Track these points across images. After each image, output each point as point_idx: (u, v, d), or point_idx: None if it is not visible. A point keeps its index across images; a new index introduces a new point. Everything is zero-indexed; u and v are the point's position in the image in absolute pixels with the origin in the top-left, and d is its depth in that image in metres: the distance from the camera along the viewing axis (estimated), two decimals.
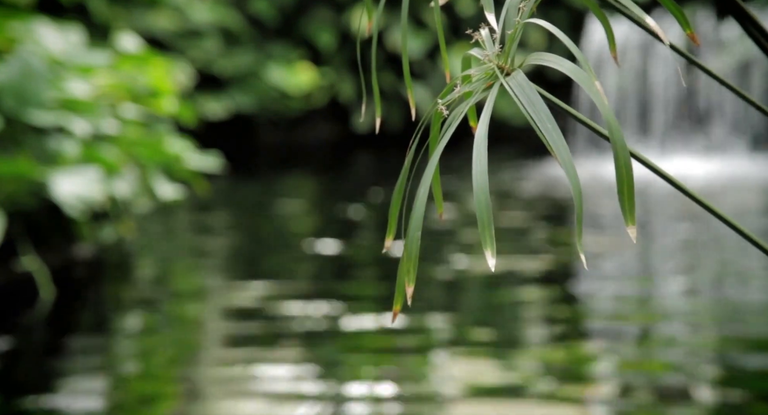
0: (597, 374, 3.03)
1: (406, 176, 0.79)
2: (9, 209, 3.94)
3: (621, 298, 3.98)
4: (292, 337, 3.36)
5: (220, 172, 5.88)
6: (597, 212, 6.03)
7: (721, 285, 4.28)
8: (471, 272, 4.40)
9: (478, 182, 0.71)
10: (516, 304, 3.83)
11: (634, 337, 3.45)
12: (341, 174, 8.90)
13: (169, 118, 5.24)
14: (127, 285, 4.38)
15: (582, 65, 0.72)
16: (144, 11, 8.88)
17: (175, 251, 5.30)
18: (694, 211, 5.95)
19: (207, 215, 6.33)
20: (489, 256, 0.70)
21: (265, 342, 3.30)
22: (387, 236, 0.80)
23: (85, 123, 4.23)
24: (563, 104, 0.78)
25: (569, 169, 0.69)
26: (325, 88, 10.00)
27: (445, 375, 3.02)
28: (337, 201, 7.04)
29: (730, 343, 3.33)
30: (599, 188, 7.06)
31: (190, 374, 3.10)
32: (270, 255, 5.02)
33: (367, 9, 0.94)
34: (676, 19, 0.80)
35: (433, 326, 3.51)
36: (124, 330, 3.63)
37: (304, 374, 2.98)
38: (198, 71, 8.98)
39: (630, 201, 0.71)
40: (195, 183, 5.15)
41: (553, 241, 5.21)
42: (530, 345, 3.33)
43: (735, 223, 0.80)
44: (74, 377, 3.01)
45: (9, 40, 4.29)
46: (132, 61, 4.99)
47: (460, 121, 0.77)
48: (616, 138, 0.70)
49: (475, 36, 0.79)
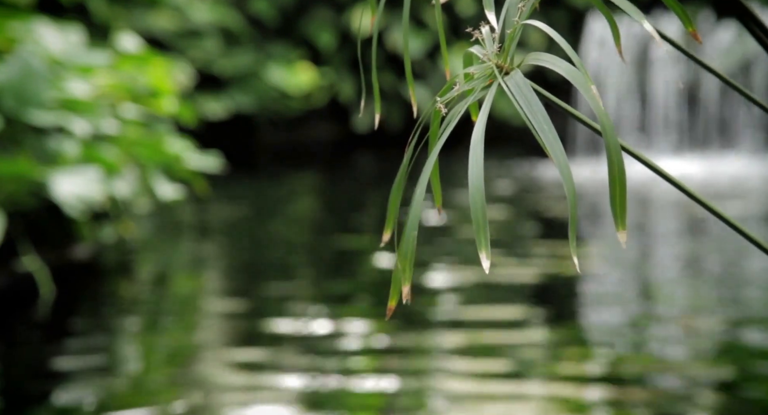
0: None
1: (405, 173, 0.79)
2: (9, 209, 3.94)
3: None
4: (293, 337, 3.36)
5: (220, 172, 5.88)
6: (596, 213, 6.03)
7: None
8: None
9: (474, 183, 0.71)
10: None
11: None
12: (341, 174, 8.90)
13: (169, 118, 5.24)
14: (127, 285, 4.38)
15: (578, 66, 0.72)
16: (144, 11, 8.88)
17: (175, 250, 5.30)
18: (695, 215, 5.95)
19: (207, 215, 6.33)
20: (483, 258, 0.70)
21: (266, 343, 3.30)
22: (385, 230, 0.80)
23: (85, 123, 4.23)
24: (561, 103, 0.78)
25: (564, 170, 0.69)
26: (325, 88, 10.00)
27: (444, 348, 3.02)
28: (337, 201, 7.03)
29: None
30: (598, 189, 7.06)
31: (190, 374, 3.10)
32: (270, 255, 5.02)
33: (371, 8, 0.94)
34: (678, 17, 0.80)
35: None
36: (123, 330, 3.63)
37: (304, 374, 2.98)
38: (198, 71, 8.98)
39: (622, 204, 0.70)
40: (195, 183, 5.15)
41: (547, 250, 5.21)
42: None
43: (735, 223, 0.80)
44: (74, 377, 3.01)
45: (9, 40, 4.29)
46: (132, 61, 4.99)
47: (460, 122, 0.77)
48: (610, 141, 0.70)
49: (476, 34, 0.79)
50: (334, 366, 3.07)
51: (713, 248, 5.13)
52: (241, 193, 7.44)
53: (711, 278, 4.43)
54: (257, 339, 3.34)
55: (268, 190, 7.62)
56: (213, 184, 5.95)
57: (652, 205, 6.59)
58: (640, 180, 6.91)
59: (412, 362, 3.11)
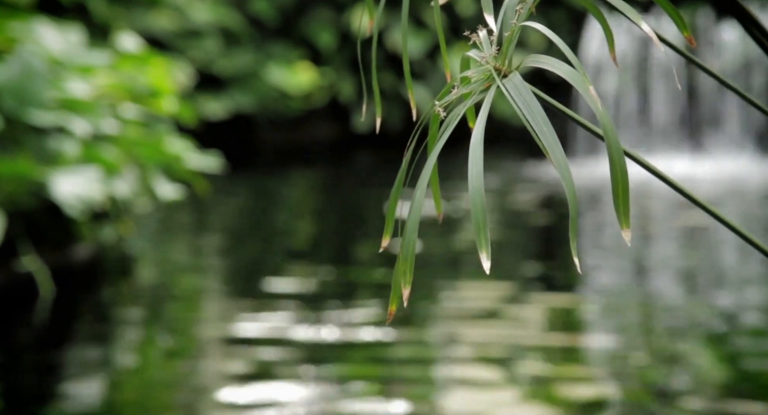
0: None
1: (404, 177, 0.79)
2: (9, 209, 3.95)
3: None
4: (293, 337, 3.36)
5: (220, 172, 5.88)
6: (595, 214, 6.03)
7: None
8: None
9: (474, 185, 0.71)
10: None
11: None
12: (341, 173, 8.90)
13: (169, 118, 5.24)
14: (127, 285, 4.38)
15: (576, 68, 0.72)
16: (144, 11, 8.88)
17: (175, 251, 5.30)
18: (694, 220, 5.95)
19: (207, 215, 6.33)
20: (484, 258, 0.70)
21: (267, 343, 3.30)
22: (384, 235, 0.80)
23: (85, 123, 4.23)
24: (560, 105, 0.78)
25: (564, 172, 0.69)
26: (325, 88, 10.00)
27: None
28: (337, 200, 7.04)
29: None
30: (596, 191, 7.06)
31: (190, 374, 3.10)
32: (270, 255, 5.02)
33: (368, 9, 0.94)
34: (673, 21, 0.80)
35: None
36: (123, 331, 3.63)
37: (305, 374, 2.98)
38: (198, 71, 8.98)
39: (625, 204, 0.71)
40: (195, 183, 5.15)
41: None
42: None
43: (734, 224, 0.80)
44: (74, 377, 3.01)
45: (9, 40, 4.29)
46: (132, 61, 4.99)
47: (459, 124, 0.78)
48: (611, 141, 0.70)
49: (473, 37, 0.79)
50: (337, 363, 3.08)
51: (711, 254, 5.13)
52: (241, 193, 7.44)
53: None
54: (257, 339, 3.34)
55: (268, 189, 7.62)
56: (213, 184, 5.95)
57: (651, 204, 6.59)
58: (639, 180, 6.91)
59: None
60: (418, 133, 0.80)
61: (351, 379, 2.95)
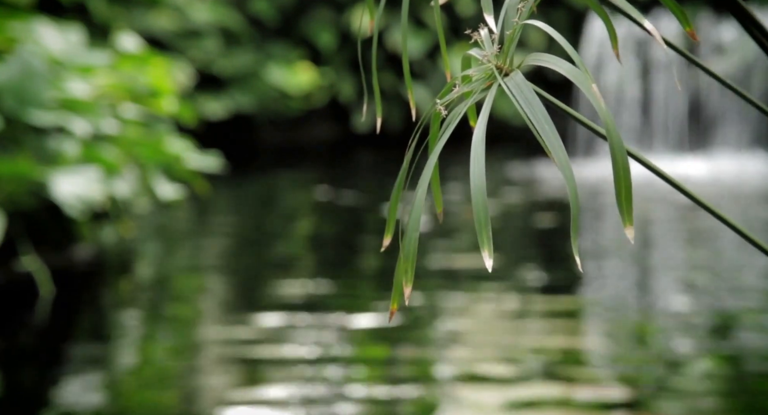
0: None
1: (405, 176, 0.79)
2: (9, 209, 3.94)
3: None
4: (294, 336, 3.36)
5: (220, 172, 5.88)
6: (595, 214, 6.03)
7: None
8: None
9: (476, 183, 0.71)
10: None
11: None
12: (341, 173, 8.89)
13: (169, 118, 5.24)
14: (127, 285, 4.38)
15: (578, 65, 0.72)
16: (144, 11, 8.88)
17: (175, 250, 5.30)
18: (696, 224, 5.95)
19: (207, 215, 6.33)
20: (486, 256, 0.70)
21: (267, 343, 3.30)
22: (385, 234, 0.80)
23: (85, 123, 4.23)
24: (562, 104, 0.77)
25: (566, 170, 0.69)
26: (325, 88, 10.00)
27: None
28: (337, 201, 7.03)
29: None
30: (596, 192, 7.06)
31: (190, 373, 3.10)
32: (270, 255, 5.02)
33: (368, 9, 0.94)
34: (675, 17, 0.80)
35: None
36: (123, 331, 3.63)
37: (306, 374, 2.98)
38: (198, 71, 8.98)
39: (628, 202, 0.71)
40: (195, 183, 5.15)
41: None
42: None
43: (733, 222, 0.80)
44: (73, 377, 3.01)
45: (9, 40, 4.29)
46: (132, 61, 4.99)
47: (460, 123, 0.77)
48: (613, 139, 0.70)
49: (474, 36, 0.79)
50: (338, 361, 3.07)
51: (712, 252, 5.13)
52: (241, 193, 7.44)
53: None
54: (258, 339, 3.34)
55: (268, 190, 7.62)
56: (213, 184, 5.95)
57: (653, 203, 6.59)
58: (639, 180, 6.90)
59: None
60: (419, 132, 0.79)
61: (351, 379, 2.95)
